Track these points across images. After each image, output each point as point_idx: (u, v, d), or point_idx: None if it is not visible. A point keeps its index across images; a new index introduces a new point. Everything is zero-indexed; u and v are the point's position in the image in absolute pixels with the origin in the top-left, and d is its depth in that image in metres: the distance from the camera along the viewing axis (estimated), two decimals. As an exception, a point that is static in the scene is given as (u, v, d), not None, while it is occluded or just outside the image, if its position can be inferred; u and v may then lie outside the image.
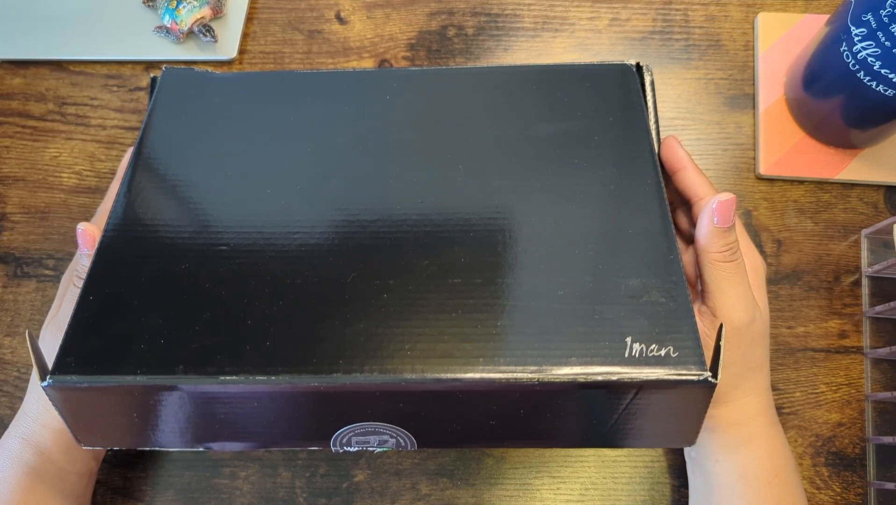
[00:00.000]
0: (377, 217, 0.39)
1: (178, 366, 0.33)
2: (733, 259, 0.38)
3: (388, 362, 0.33)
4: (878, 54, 0.44)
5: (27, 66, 0.60)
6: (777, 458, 0.40)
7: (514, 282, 0.36)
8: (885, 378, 0.49)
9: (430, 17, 0.60)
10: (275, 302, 0.36)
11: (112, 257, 0.38)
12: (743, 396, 0.40)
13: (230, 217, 0.39)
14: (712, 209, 0.38)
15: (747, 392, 0.40)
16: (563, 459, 0.48)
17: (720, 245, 0.38)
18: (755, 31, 0.58)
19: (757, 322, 0.39)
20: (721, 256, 0.38)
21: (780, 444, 0.41)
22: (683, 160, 0.42)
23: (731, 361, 0.38)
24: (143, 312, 0.35)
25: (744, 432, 0.40)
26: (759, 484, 0.39)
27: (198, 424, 0.35)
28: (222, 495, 0.47)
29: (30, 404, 0.42)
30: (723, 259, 0.38)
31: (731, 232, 0.38)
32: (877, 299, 0.50)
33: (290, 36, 0.60)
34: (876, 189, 0.53)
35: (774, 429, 0.41)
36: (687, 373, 0.32)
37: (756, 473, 0.39)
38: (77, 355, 0.34)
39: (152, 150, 0.43)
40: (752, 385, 0.40)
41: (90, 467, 0.44)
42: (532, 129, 0.43)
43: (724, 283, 0.38)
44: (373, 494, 0.47)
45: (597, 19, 0.60)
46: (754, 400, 0.40)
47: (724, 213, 0.38)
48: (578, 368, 0.33)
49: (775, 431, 0.41)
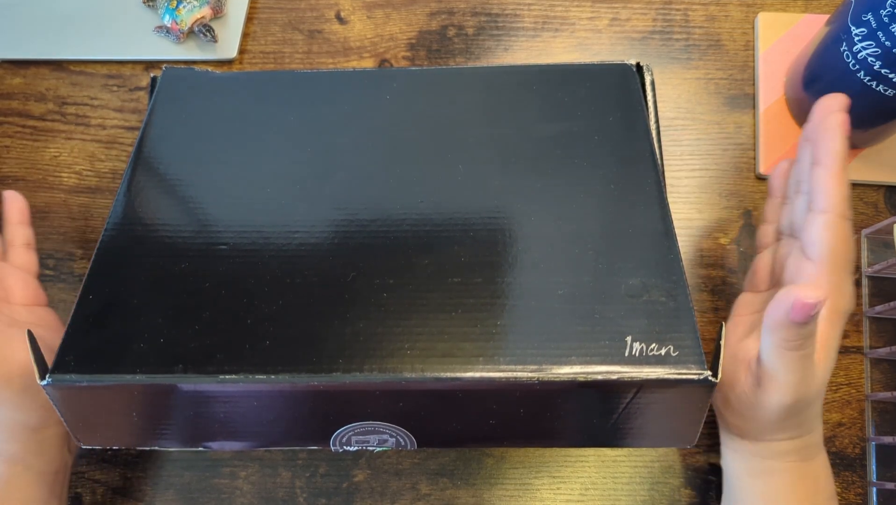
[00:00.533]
0: (377, 216, 0.39)
1: (178, 365, 0.33)
2: (801, 350, 0.33)
3: (388, 361, 0.33)
4: (878, 54, 0.44)
5: (27, 66, 0.60)
6: (804, 490, 0.38)
7: (514, 281, 0.36)
8: (885, 378, 0.49)
9: (430, 17, 0.60)
10: (274, 301, 0.36)
11: (112, 257, 0.38)
12: (773, 440, 0.38)
13: (230, 216, 0.39)
14: (790, 302, 0.31)
15: (779, 438, 0.38)
16: (563, 459, 0.48)
17: (790, 336, 0.33)
18: (755, 31, 0.58)
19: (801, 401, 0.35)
20: (788, 345, 0.33)
21: (811, 478, 0.39)
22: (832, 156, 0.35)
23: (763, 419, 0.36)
24: (142, 311, 0.35)
25: (767, 464, 0.39)
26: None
27: (197, 424, 0.35)
28: (222, 495, 0.47)
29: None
30: (789, 347, 0.33)
31: (810, 326, 0.32)
32: (877, 299, 0.50)
33: (290, 36, 0.60)
34: (876, 189, 0.53)
35: (807, 464, 0.38)
36: (687, 372, 0.32)
37: (780, 501, 0.39)
38: (76, 354, 0.34)
39: (152, 150, 0.43)
40: (786, 434, 0.38)
41: (65, 461, 0.43)
42: (532, 128, 0.43)
43: (782, 368, 0.34)
44: (373, 494, 0.47)
45: (597, 19, 0.60)
46: (786, 443, 0.38)
47: (802, 312, 0.31)
48: (578, 368, 0.33)
49: (808, 465, 0.38)
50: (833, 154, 0.35)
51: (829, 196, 0.35)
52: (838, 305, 0.35)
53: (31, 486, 0.41)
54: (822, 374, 0.35)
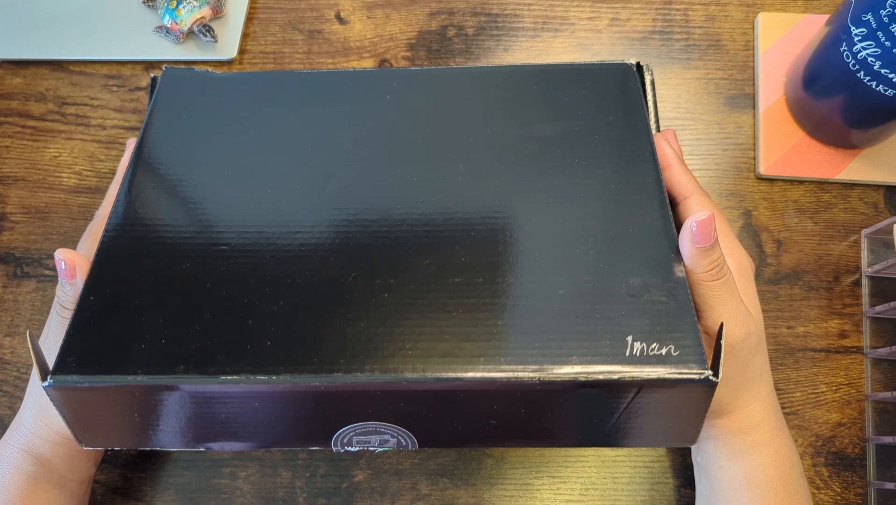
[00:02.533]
0: (378, 216, 0.39)
1: (179, 366, 0.33)
2: (720, 276, 0.36)
3: (389, 362, 0.33)
4: (878, 54, 0.44)
5: (27, 66, 0.60)
6: (783, 464, 0.40)
7: (515, 281, 0.36)
8: (885, 378, 0.49)
9: (430, 17, 0.60)
10: (275, 301, 0.36)
11: (113, 257, 0.38)
12: (745, 405, 0.39)
13: (231, 217, 0.39)
14: (691, 231, 0.36)
15: (749, 401, 0.39)
16: (563, 459, 0.48)
17: (705, 265, 0.36)
18: (755, 31, 0.58)
19: (752, 335, 0.38)
20: (707, 276, 0.36)
21: (787, 450, 0.40)
22: (669, 158, 0.42)
23: (728, 376, 0.37)
24: (143, 311, 0.35)
25: (748, 440, 0.39)
26: (763, 491, 0.39)
27: (198, 424, 0.35)
28: (222, 495, 0.47)
29: (26, 416, 0.41)
30: (710, 278, 0.36)
31: (715, 249, 0.36)
32: (877, 299, 0.50)
33: (290, 36, 0.60)
34: (876, 189, 0.53)
35: (780, 434, 0.40)
36: (688, 372, 0.32)
37: (761, 479, 0.39)
38: (78, 355, 0.34)
39: (153, 150, 0.43)
40: (754, 394, 0.39)
41: (90, 474, 0.44)
42: (533, 128, 0.43)
43: (713, 301, 0.37)
44: (373, 494, 0.47)
45: (597, 19, 0.60)
46: (758, 408, 0.40)
47: (703, 233, 0.36)
48: (579, 367, 0.33)
49: (781, 436, 0.40)
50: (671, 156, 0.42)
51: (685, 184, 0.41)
52: (741, 262, 0.40)
53: (55, 490, 0.41)
54: (757, 317, 0.39)
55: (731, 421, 0.39)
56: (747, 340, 0.37)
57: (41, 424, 0.41)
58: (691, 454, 0.44)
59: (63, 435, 0.41)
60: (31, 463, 0.40)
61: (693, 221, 0.36)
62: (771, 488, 0.39)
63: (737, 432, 0.40)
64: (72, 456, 0.42)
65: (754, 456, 0.39)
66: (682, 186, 0.41)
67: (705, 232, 0.35)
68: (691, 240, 0.36)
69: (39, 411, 0.41)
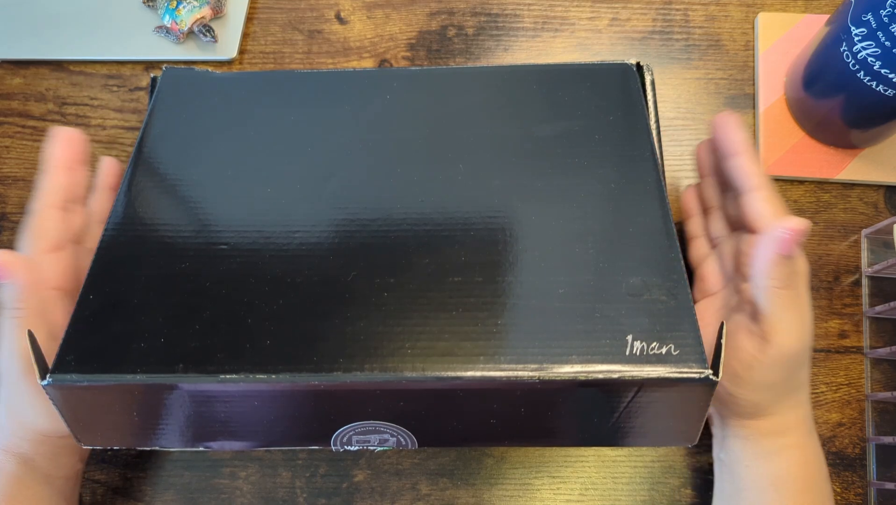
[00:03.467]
0: (377, 216, 0.39)
1: (178, 365, 0.33)
2: (793, 288, 0.35)
3: (389, 361, 0.33)
4: (878, 54, 0.44)
5: (27, 66, 0.60)
6: (810, 467, 0.39)
7: (515, 280, 0.36)
8: (885, 378, 0.49)
9: (430, 17, 0.60)
10: (275, 301, 0.36)
11: (112, 256, 0.38)
12: (782, 410, 0.39)
13: (230, 216, 0.39)
14: (780, 238, 0.34)
15: (787, 407, 0.39)
16: (563, 459, 0.48)
17: (782, 273, 0.35)
18: (755, 31, 0.58)
19: (807, 347, 0.37)
20: (781, 284, 0.35)
21: (815, 453, 0.40)
22: (739, 144, 0.39)
23: (773, 382, 0.37)
24: (143, 310, 0.35)
25: (779, 442, 0.39)
26: (790, 493, 0.39)
27: (198, 424, 0.35)
28: (222, 495, 0.47)
29: (2, 417, 0.40)
30: (783, 286, 0.35)
31: (797, 260, 0.35)
32: (877, 299, 0.50)
33: (290, 36, 0.60)
34: (876, 189, 0.53)
35: (811, 438, 0.40)
36: (688, 371, 0.32)
37: (788, 481, 0.39)
38: (77, 354, 0.34)
39: (152, 150, 0.43)
40: (794, 402, 0.39)
41: (77, 470, 0.43)
42: (533, 128, 0.43)
43: (781, 311, 0.35)
44: (373, 494, 0.47)
45: (597, 19, 0.60)
46: (792, 414, 0.39)
47: (791, 243, 0.34)
48: (579, 367, 0.33)
49: (811, 440, 0.40)
50: (740, 142, 0.40)
51: (752, 175, 0.39)
52: (798, 266, 0.37)
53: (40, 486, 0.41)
54: (811, 326, 0.37)
55: (764, 423, 0.39)
56: (802, 352, 0.37)
57: (16, 424, 0.40)
58: (713, 452, 0.43)
59: (40, 433, 0.40)
60: (14, 463, 0.40)
61: (786, 229, 0.34)
62: (798, 490, 0.39)
63: (768, 435, 0.39)
64: (54, 452, 0.41)
65: (782, 457, 0.39)
66: (750, 178, 0.39)
67: (792, 242, 0.34)
68: (777, 246, 0.34)
69: (14, 413, 0.39)
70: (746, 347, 0.37)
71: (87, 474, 0.47)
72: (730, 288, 0.42)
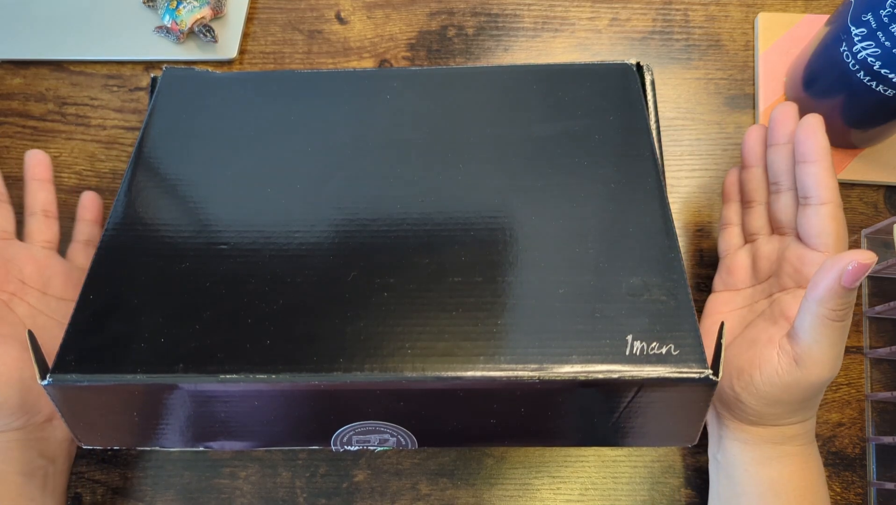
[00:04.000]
0: (378, 216, 0.39)
1: (179, 365, 0.33)
2: (845, 319, 0.35)
3: (389, 361, 0.33)
4: (878, 54, 0.44)
5: (27, 66, 0.60)
6: (809, 473, 0.40)
7: (515, 280, 0.36)
8: (885, 378, 0.49)
9: (430, 17, 0.60)
10: (275, 301, 0.36)
11: (112, 256, 0.38)
12: (788, 423, 0.39)
13: (230, 216, 0.39)
14: (845, 269, 0.33)
15: (794, 422, 0.39)
16: (563, 459, 0.48)
17: (838, 305, 0.34)
18: (755, 31, 0.58)
19: (834, 377, 0.37)
20: (834, 315, 0.34)
21: (814, 460, 0.40)
22: (820, 152, 0.38)
23: (790, 401, 0.37)
24: (143, 310, 0.35)
25: (780, 449, 0.39)
26: (789, 498, 0.39)
27: (198, 424, 0.35)
28: (222, 495, 0.47)
29: None
30: (835, 318, 0.34)
31: (853, 293, 0.34)
32: (877, 299, 0.50)
33: (290, 36, 0.60)
34: (876, 189, 0.53)
35: (810, 447, 0.40)
36: (688, 371, 0.32)
37: (788, 487, 0.39)
38: (77, 354, 0.34)
39: (152, 150, 0.43)
40: (801, 417, 0.39)
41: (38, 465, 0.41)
42: (533, 128, 0.43)
43: (825, 340, 0.35)
44: (373, 494, 0.47)
45: (597, 19, 0.60)
46: (798, 428, 0.40)
47: (857, 276, 0.33)
48: (579, 367, 0.33)
49: (811, 448, 0.40)
50: (822, 150, 0.39)
51: (827, 188, 0.38)
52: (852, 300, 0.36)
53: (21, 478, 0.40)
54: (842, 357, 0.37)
55: (766, 431, 0.39)
56: (829, 381, 0.37)
57: None
58: (709, 450, 0.44)
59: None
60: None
61: (854, 261, 0.33)
62: (797, 496, 0.39)
63: (769, 441, 0.40)
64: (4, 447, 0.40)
65: (782, 463, 0.39)
66: (823, 190, 0.38)
67: (858, 275, 0.33)
68: (839, 277, 0.33)
69: None
70: (774, 362, 0.37)
71: (87, 474, 0.47)
72: (758, 290, 0.42)
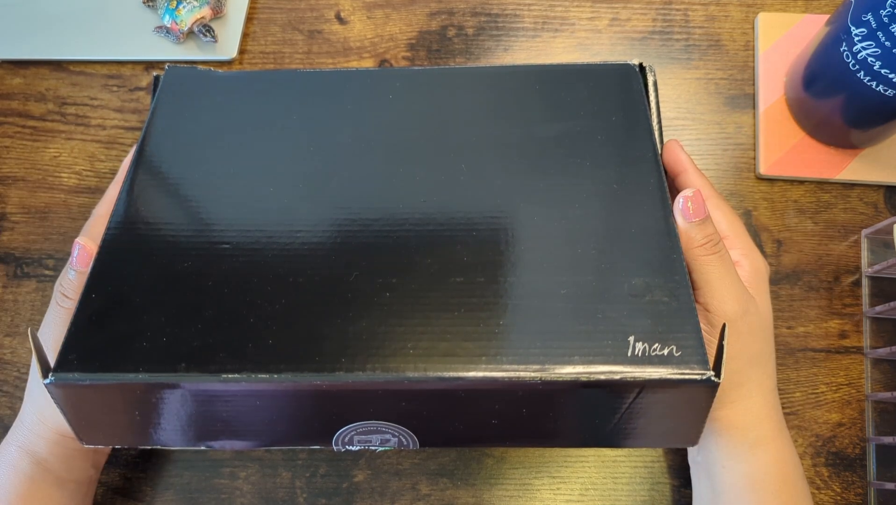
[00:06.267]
0: (380, 216, 0.39)
1: (181, 364, 0.33)
2: (716, 251, 0.38)
3: (391, 361, 0.33)
4: (878, 54, 0.44)
5: (27, 66, 0.60)
6: (785, 465, 0.39)
7: (517, 281, 0.36)
8: (885, 378, 0.49)
9: (430, 17, 0.60)
10: (277, 300, 0.36)
11: (114, 255, 0.38)
12: (747, 395, 0.39)
13: (232, 215, 0.39)
14: (679, 208, 0.38)
15: (752, 392, 0.39)
16: (563, 459, 0.48)
17: (699, 238, 0.37)
18: (755, 31, 0.58)
19: (751, 314, 0.38)
20: (703, 250, 0.37)
21: (788, 450, 0.40)
22: (685, 163, 0.43)
23: (730, 355, 0.37)
24: (145, 309, 0.35)
25: (751, 436, 0.39)
26: (767, 493, 0.39)
27: (199, 423, 0.35)
28: (222, 495, 0.47)
29: (25, 413, 0.41)
30: (705, 252, 0.37)
31: (707, 224, 0.38)
32: (877, 299, 0.50)
33: (290, 36, 0.60)
34: (876, 189, 0.54)
35: (782, 434, 0.40)
36: (690, 372, 0.32)
37: (765, 481, 0.39)
38: (79, 353, 0.33)
39: (154, 149, 0.43)
40: (756, 384, 0.39)
41: (89, 475, 0.44)
42: (534, 128, 0.43)
43: (710, 276, 0.37)
44: (373, 494, 0.47)
45: (597, 19, 0.60)
46: (760, 401, 0.39)
47: (695, 206, 0.38)
48: (581, 367, 0.33)
49: (783, 436, 0.40)
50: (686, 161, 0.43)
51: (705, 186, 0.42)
52: (755, 265, 0.41)
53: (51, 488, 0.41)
54: (766, 312, 0.40)
55: (733, 413, 0.39)
56: (746, 316, 0.38)
57: (38, 422, 0.41)
58: (688, 454, 0.44)
59: (59, 433, 0.40)
60: (28, 462, 0.40)
61: (681, 197, 0.38)
62: (775, 490, 0.39)
63: (738, 427, 0.39)
64: (68, 455, 0.41)
65: (757, 456, 0.39)
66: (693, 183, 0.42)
67: (695, 205, 0.38)
68: (682, 215, 0.38)
69: (37, 409, 0.41)
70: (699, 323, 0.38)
71: (87, 474, 0.47)
72: None
